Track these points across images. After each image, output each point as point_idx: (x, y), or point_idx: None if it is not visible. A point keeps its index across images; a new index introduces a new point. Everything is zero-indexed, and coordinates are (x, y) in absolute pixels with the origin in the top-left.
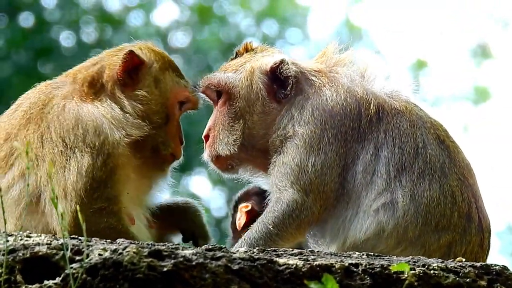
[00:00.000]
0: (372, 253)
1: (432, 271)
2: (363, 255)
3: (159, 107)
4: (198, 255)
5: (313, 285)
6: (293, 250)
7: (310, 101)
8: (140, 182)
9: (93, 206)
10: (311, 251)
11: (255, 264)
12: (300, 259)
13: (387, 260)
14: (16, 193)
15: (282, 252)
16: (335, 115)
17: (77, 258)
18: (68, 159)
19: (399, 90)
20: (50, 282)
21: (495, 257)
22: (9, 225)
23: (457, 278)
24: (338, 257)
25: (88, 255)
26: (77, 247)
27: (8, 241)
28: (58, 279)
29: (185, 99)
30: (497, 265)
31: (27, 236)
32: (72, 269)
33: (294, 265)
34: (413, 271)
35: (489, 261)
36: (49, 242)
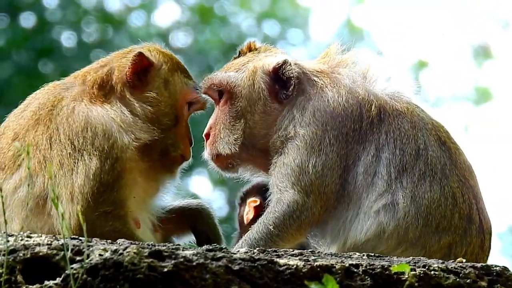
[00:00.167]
0: (373, 254)
1: (432, 272)
2: (363, 255)
3: (168, 108)
4: (199, 255)
5: (313, 286)
6: (293, 251)
7: (312, 102)
8: (147, 185)
9: (99, 209)
10: (312, 252)
11: (256, 264)
12: (300, 259)
13: (387, 261)
14: (23, 194)
15: (282, 253)
16: (336, 116)
17: (78, 258)
18: (76, 161)
19: (401, 91)
20: (51, 283)
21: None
22: (15, 226)
23: (458, 279)
24: (338, 258)
25: (88, 256)
26: (77, 248)
27: (8, 241)
28: (58, 280)
29: (194, 100)
30: (498, 266)
31: (27, 237)
32: (72, 270)
33: (295, 266)
34: (413, 272)
35: (490, 262)
36: (49, 242)
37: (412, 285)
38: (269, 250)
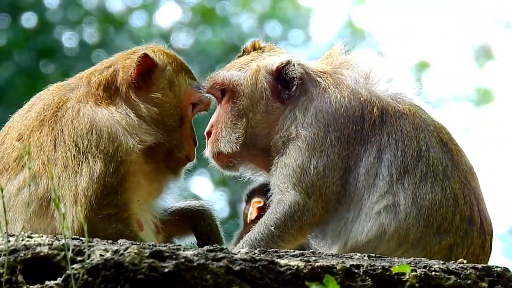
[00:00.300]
0: (373, 255)
1: (433, 273)
2: (364, 256)
3: (173, 109)
4: (200, 256)
5: (314, 287)
6: (294, 251)
7: (314, 102)
8: (151, 187)
9: (103, 212)
10: (313, 252)
11: (256, 265)
12: (301, 260)
13: (388, 262)
14: (26, 195)
15: (283, 253)
16: (338, 117)
17: (79, 258)
18: (80, 164)
19: (403, 92)
20: (52, 283)
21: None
22: (18, 227)
23: (458, 280)
24: (339, 259)
25: (89, 256)
26: (78, 248)
27: (9, 241)
28: (59, 280)
29: (198, 100)
30: (498, 267)
31: (28, 237)
32: (73, 270)
33: (295, 266)
34: (414, 273)
35: (491, 263)
36: (50, 242)
37: (413, 286)
38: (270, 250)
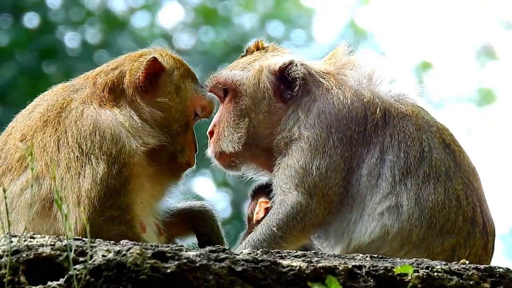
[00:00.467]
0: (376, 255)
1: (435, 273)
2: (366, 257)
3: (179, 115)
4: (202, 256)
5: (316, 287)
6: (296, 252)
7: (317, 103)
8: (154, 189)
9: (106, 214)
10: (315, 253)
11: (259, 266)
12: (303, 261)
13: (390, 262)
14: (29, 196)
15: (285, 254)
16: (341, 118)
17: (81, 259)
18: (84, 165)
19: (405, 93)
20: (54, 283)
21: (499, 259)
22: (21, 228)
23: (461, 281)
24: (341, 259)
25: (91, 256)
26: (80, 248)
27: (11, 242)
28: (61, 280)
29: (202, 108)
30: (501, 267)
31: (30, 237)
32: (75, 270)
33: (298, 267)
34: (416, 273)
35: (493, 263)
36: (52, 243)
37: (415, 287)
38: (272, 251)
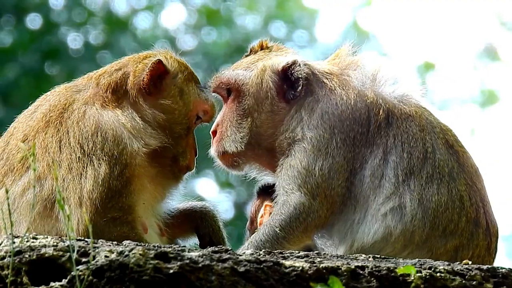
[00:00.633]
0: (379, 256)
1: (438, 274)
2: (369, 257)
3: (182, 118)
4: (204, 257)
5: None
6: (299, 253)
7: (320, 104)
8: (155, 190)
9: (107, 215)
10: (317, 254)
11: (261, 266)
12: (306, 261)
13: (393, 263)
14: (31, 196)
15: (288, 255)
16: (344, 119)
17: (84, 260)
18: (85, 166)
19: (409, 94)
20: (57, 284)
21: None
22: (23, 228)
23: (463, 281)
24: (344, 260)
25: (94, 257)
26: (83, 249)
27: (14, 242)
28: (64, 281)
29: (204, 111)
30: (503, 268)
31: (33, 238)
32: (78, 271)
33: (300, 268)
34: (419, 274)
35: (496, 264)
36: (55, 244)
37: (418, 287)
38: (275, 252)
